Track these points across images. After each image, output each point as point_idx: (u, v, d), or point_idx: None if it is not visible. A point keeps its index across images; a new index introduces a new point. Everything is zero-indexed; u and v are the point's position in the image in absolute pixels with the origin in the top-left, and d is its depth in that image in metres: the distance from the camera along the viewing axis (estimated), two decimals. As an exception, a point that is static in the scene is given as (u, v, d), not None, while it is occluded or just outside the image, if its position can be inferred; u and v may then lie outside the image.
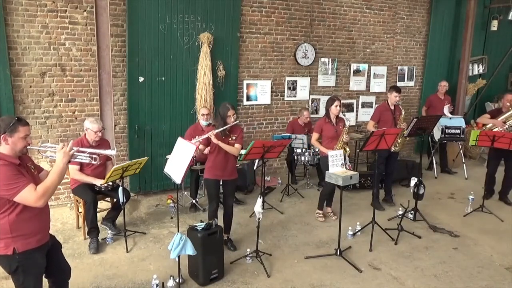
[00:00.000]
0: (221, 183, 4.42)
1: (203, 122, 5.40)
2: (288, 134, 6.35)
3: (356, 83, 7.75)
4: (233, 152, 4.18)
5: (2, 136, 2.46)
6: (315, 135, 5.17)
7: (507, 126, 5.81)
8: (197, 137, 4.08)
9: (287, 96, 7.13)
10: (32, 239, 2.57)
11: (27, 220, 2.53)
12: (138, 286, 3.76)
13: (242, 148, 4.32)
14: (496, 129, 5.82)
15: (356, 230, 4.89)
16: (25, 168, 2.59)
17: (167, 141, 5.91)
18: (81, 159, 2.83)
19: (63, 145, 2.61)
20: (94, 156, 2.87)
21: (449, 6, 8.35)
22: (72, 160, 2.67)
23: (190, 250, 3.47)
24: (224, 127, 4.12)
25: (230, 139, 4.23)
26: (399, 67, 8.17)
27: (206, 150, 4.32)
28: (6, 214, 2.47)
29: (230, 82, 6.38)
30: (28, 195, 2.40)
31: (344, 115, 5.17)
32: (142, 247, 4.50)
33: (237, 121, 4.23)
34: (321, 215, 5.30)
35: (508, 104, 5.94)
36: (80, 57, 5.42)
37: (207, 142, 4.17)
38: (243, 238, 4.71)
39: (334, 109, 4.99)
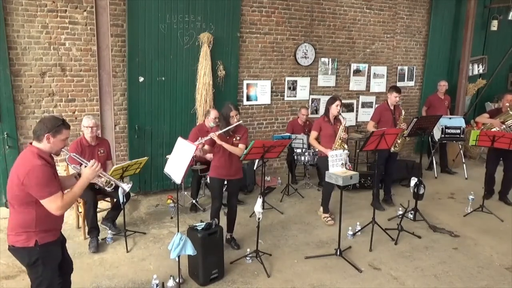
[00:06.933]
0: (225, 182, 4.42)
1: (212, 124, 5.25)
2: (288, 134, 6.35)
3: (356, 83, 7.74)
4: (236, 152, 4.18)
5: (46, 135, 2.55)
6: (313, 134, 5.14)
7: (504, 126, 5.81)
8: (200, 138, 4.09)
9: (287, 96, 7.13)
10: (51, 233, 2.69)
11: (51, 217, 2.61)
12: (138, 286, 3.76)
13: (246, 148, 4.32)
14: (494, 129, 5.82)
15: (356, 230, 4.89)
16: (55, 170, 2.67)
17: (167, 141, 5.91)
18: (97, 180, 3.03)
19: (93, 162, 2.71)
20: (111, 183, 3.07)
21: (449, 6, 8.35)
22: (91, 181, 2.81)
23: (190, 250, 3.47)
24: (227, 128, 4.12)
25: (234, 139, 4.23)
26: (399, 67, 8.17)
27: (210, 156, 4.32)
28: (32, 209, 2.55)
29: (230, 82, 6.38)
30: (53, 202, 2.51)
31: (340, 115, 5.10)
32: (142, 247, 4.50)
33: (240, 122, 4.23)
34: (329, 218, 5.22)
35: (507, 104, 5.93)
36: (80, 57, 5.42)
37: (213, 142, 4.18)
38: (243, 238, 4.71)
39: (335, 109, 4.98)
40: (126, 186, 3.10)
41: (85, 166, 2.75)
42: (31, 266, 2.65)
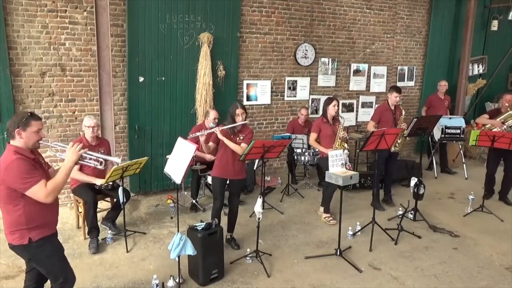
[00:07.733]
0: (228, 182, 4.41)
1: (211, 124, 5.21)
2: (288, 134, 6.36)
3: (356, 83, 7.74)
4: (237, 151, 4.16)
5: (16, 130, 2.56)
6: (313, 135, 5.17)
7: (505, 126, 5.81)
8: (202, 130, 4.09)
9: (287, 96, 7.13)
10: (45, 228, 2.70)
11: (42, 212, 2.63)
12: (138, 286, 3.76)
13: None
14: (495, 129, 5.82)
15: (356, 230, 4.89)
16: (38, 163, 2.68)
17: (167, 141, 5.91)
18: (88, 162, 2.92)
19: (72, 144, 2.73)
20: (100, 160, 2.96)
21: (449, 6, 8.35)
22: (80, 161, 2.78)
23: (190, 250, 3.47)
24: (232, 125, 4.13)
25: (238, 138, 4.23)
26: (399, 67, 8.17)
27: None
28: (21, 207, 2.57)
29: (230, 82, 6.38)
30: (39, 191, 2.50)
31: (339, 115, 5.13)
32: (142, 247, 4.50)
33: (246, 121, 4.22)
34: (331, 218, 5.21)
35: (506, 104, 5.93)
36: (80, 57, 5.42)
37: (217, 139, 4.17)
38: (243, 238, 4.71)
39: (332, 109, 5.01)
40: (117, 159, 3.07)
41: None
42: (35, 261, 2.70)
